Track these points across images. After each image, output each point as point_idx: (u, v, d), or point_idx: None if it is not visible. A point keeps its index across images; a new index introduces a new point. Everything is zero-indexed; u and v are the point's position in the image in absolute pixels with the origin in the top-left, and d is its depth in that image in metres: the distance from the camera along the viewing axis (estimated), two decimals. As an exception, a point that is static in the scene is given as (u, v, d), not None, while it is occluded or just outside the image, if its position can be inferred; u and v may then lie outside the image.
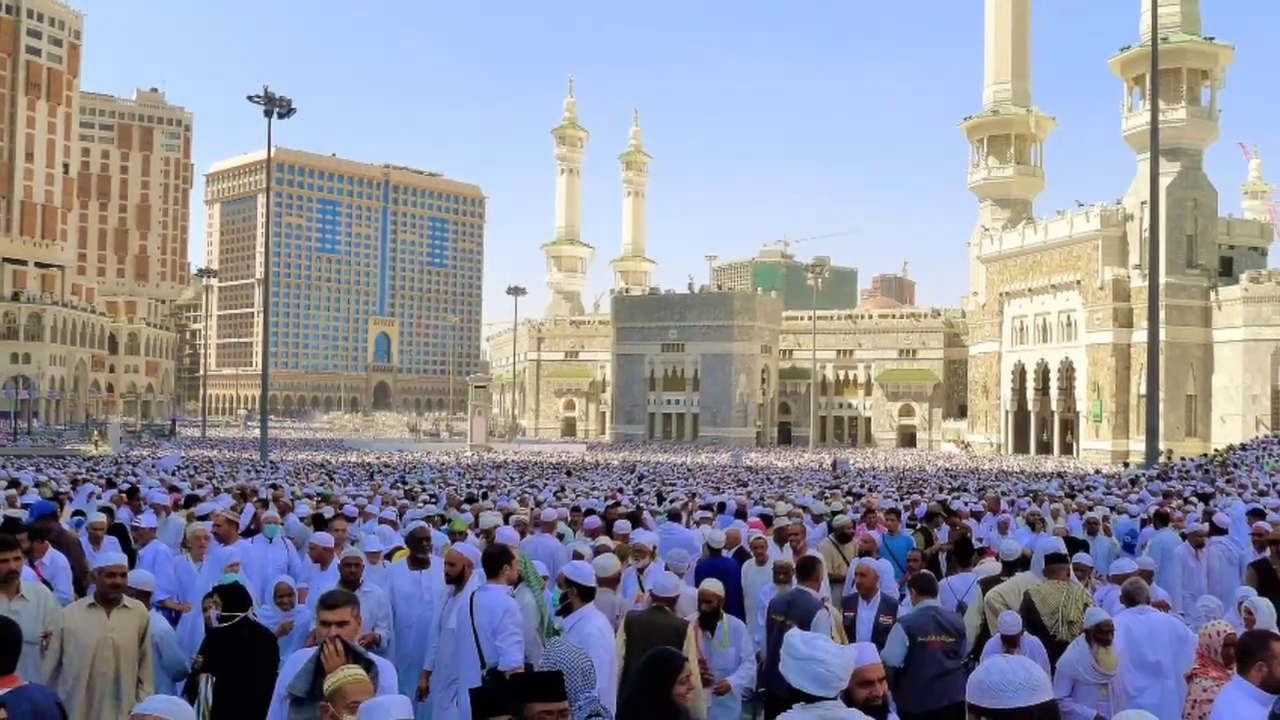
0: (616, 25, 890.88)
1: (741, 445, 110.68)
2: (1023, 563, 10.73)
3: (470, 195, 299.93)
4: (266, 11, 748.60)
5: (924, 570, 10.13)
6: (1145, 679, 8.52)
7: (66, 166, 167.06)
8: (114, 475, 32.06)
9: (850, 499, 23.88)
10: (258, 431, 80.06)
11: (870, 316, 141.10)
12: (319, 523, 13.52)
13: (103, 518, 13.11)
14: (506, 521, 13.66)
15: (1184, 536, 14.14)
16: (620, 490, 29.77)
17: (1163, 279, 65.03)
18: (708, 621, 8.88)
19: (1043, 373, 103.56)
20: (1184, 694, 7.42)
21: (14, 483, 23.25)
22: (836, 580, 12.17)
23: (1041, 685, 3.61)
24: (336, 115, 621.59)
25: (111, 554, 8.43)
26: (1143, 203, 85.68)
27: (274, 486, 25.13)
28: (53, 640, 7.42)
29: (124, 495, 18.65)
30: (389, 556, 11.39)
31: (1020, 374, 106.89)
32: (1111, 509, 19.32)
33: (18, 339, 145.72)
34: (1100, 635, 7.97)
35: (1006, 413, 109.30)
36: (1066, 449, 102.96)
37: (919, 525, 16.08)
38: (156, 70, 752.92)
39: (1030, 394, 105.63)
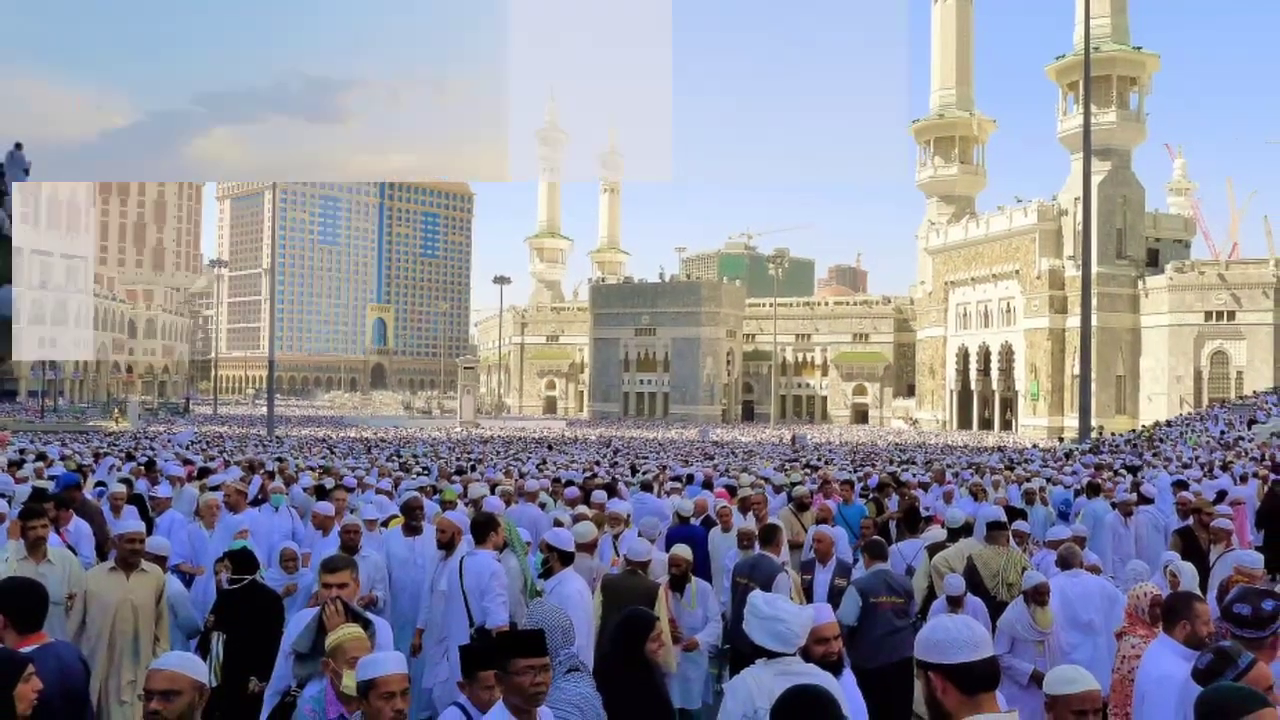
0: (595, 36, 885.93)
1: (708, 422, 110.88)
2: (966, 530, 10.77)
3: (460, 192, 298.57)
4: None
5: (875, 537, 10.12)
6: (1078, 636, 8.56)
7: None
8: (133, 449, 31.90)
9: (808, 471, 23.85)
10: (265, 409, 79.72)
11: (826, 304, 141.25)
12: (321, 493, 13.44)
13: (122, 488, 13.01)
14: (493, 492, 13.60)
15: (1114, 506, 14.20)
16: (597, 463, 29.65)
17: (1095, 269, 65.38)
18: (677, 584, 8.86)
19: (984, 355, 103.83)
20: (1114, 650, 7.45)
21: (41, 456, 23.07)
22: (795, 546, 12.20)
23: (984, 642, 3.61)
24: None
25: (131, 522, 8.35)
26: (1076, 199, 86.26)
27: (279, 460, 25.00)
28: (77, 601, 7.37)
29: (142, 468, 18.52)
30: (385, 524, 11.34)
31: (964, 356, 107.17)
32: (1047, 480, 19.43)
33: (45, 324, 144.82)
34: (1037, 596, 7.99)
35: (951, 392, 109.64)
36: (1006, 425, 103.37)
37: (871, 495, 16.10)
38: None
39: (973, 375, 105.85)
